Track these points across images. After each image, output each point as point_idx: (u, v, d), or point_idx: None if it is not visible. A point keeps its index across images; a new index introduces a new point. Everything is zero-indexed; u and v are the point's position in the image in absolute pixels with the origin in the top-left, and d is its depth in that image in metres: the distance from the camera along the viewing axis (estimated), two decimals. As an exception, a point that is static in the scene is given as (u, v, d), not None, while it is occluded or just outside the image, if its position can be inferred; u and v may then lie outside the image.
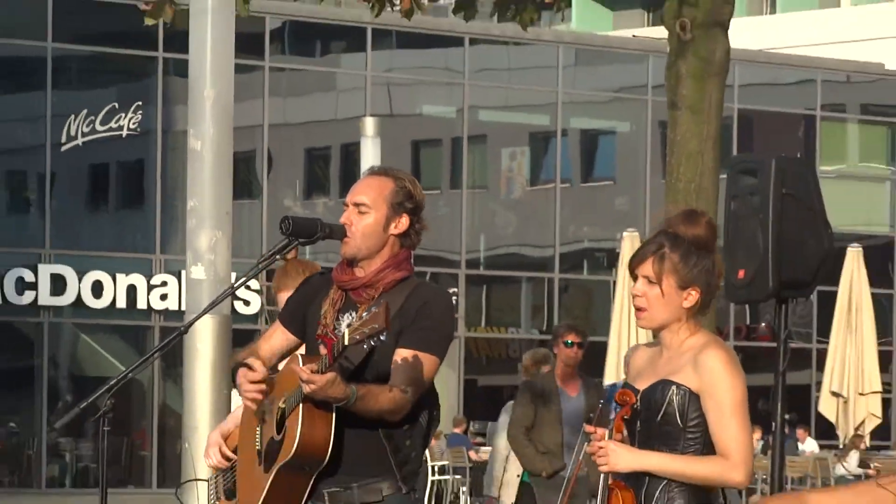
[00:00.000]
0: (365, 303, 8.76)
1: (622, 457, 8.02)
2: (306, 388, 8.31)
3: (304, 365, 8.38)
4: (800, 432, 39.47)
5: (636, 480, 8.10)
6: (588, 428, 8.23)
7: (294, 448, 8.52)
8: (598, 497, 8.15)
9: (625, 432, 8.31)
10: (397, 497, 8.78)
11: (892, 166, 53.13)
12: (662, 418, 8.12)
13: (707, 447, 8.13)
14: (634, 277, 8.26)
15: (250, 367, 8.65)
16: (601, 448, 7.99)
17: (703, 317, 8.41)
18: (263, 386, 8.63)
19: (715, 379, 8.08)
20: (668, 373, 8.19)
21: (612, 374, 29.73)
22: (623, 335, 29.94)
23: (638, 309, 8.22)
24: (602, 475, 8.08)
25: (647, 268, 8.17)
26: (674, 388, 8.11)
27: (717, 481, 8.17)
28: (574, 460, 8.39)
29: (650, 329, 8.42)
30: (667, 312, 8.18)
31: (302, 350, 8.86)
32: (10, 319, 41.90)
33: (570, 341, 19.09)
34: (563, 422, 18.38)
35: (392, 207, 8.76)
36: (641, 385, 8.25)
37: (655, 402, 8.16)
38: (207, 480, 10.63)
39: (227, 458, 9.87)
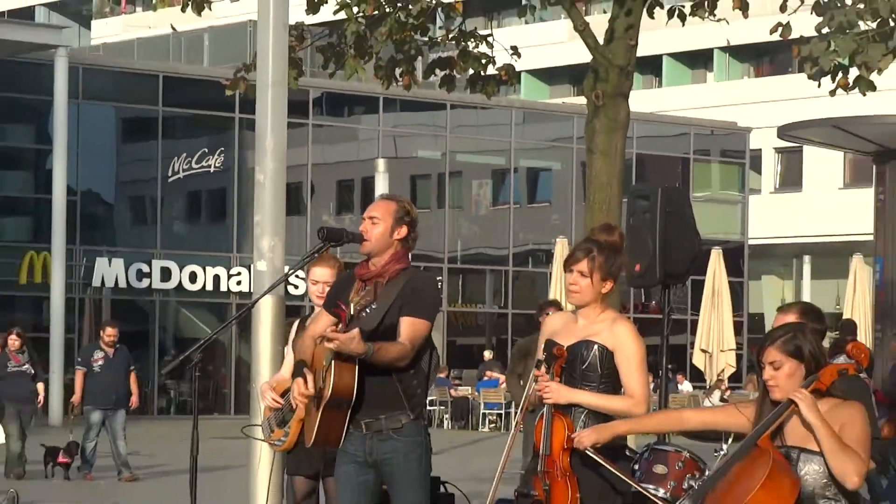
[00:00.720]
0: (373, 287, 8.83)
1: (561, 393, 8.16)
2: (331, 345, 8.38)
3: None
4: (679, 377, 38.71)
5: (567, 409, 8.20)
6: (536, 372, 8.30)
7: (329, 392, 8.58)
8: (544, 421, 8.21)
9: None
10: (412, 424, 8.73)
11: (741, 193, 52.90)
12: (587, 367, 8.30)
13: (615, 389, 8.34)
14: (570, 271, 8.43)
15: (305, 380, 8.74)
16: (546, 386, 8.15)
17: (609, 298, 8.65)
18: (311, 393, 8.69)
19: (625, 342, 8.31)
20: (587, 335, 8.33)
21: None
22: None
23: (571, 293, 8.42)
24: (546, 406, 8.19)
25: (582, 265, 8.32)
26: (595, 346, 8.27)
27: (626, 412, 8.23)
28: (528, 390, 8.48)
29: (578, 305, 8.49)
30: (591, 296, 8.33)
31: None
32: (132, 298, 41.02)
33: (549, 312, 18.64)
34: None
35: (395, 220, 8.75)
36: (562, 341, 8.35)
37: (581, 355, 8.30)
38: (261, 424, 10.53)
39: (276, 401, 10.05)
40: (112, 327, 22.82)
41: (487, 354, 44.00)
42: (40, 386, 22.42)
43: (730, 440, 9.24)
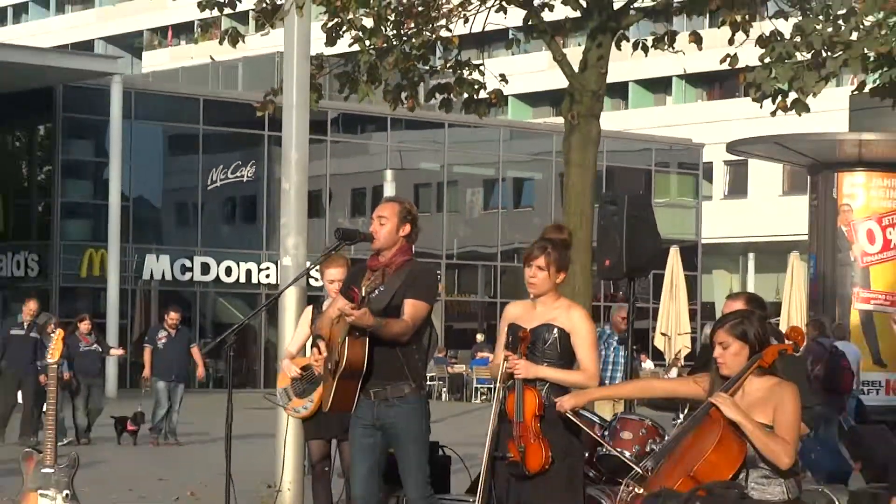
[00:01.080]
0: (381, 275, 8.87)
1: (529, 369, 8.21)
2: (348, 318, 8.43)
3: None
4: (642, 356, 38.75)
5: (532, 383, 8.26)
6: (506, 353, 8.30)
7: (344, 364, 8.65)
8: (516, 393, 8.24)
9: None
10: (413, 393, 8.80)
11: (695, 200, 52.85)
12: (547, 346, 8.37)
13: (570, 365, 8.42)
14: (529, 266, 8.42)
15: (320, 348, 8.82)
16: (516, 364, 8.20)
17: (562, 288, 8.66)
18: (325, 356, 8.73)
19: (580, 325, 8.40)
20: (546, 320, 8.40)
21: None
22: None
23: (531, 285, 8.42)
24: (517, 380, 8.22)
25: (540, 261, 8.37)
26: (555, 329, 8.35)
27: (582, 384, 8.27)
28: (503, 366, 8.48)
29: (536, 295, 8.52)
30: (548, 286, 8.40)
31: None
32: (176, 289, 41.04)
33: None
34: None
35: (400, 219, 8.85)
36: (524, 326, 8.39)
37: (543, 336, 8.36)
38: (278, 391, 10.56)
39: (297, 371, 10.26)
40: (175, 311, 23.18)
41: (479, 337, 44.21)
42: (114, 350, 23.01)
43: (685, 410, 9.20)
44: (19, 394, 21.51)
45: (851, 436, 16.86)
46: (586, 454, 9.53)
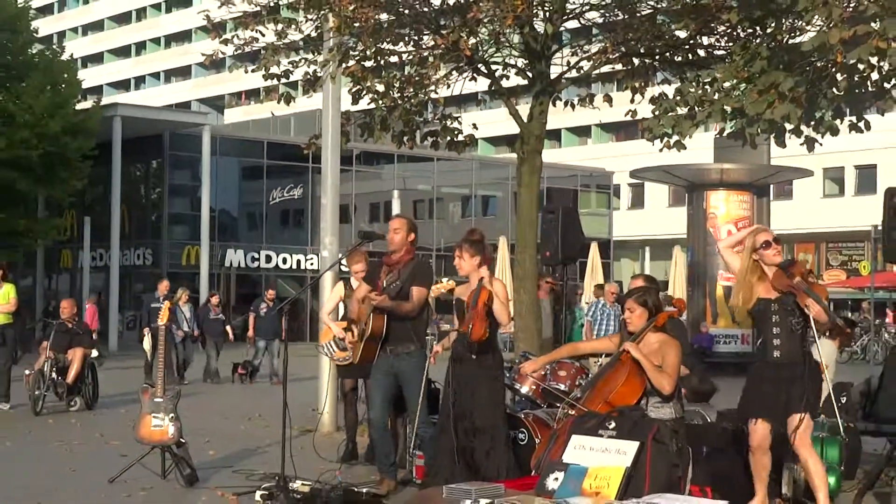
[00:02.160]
0: (395, 270, 8.94)
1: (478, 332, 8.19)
2: (373, 302, 8.62)
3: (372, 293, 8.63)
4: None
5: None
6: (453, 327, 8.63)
7: (369, 331, 8.82)
8: (475, 293, 8.34)
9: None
10: (417, 350, 8.85)
11: (608, 210, 52.88)
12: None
13: (492, 319, 8.28)
14: (456, 256, 8.56)
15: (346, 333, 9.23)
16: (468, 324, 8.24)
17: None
18: (355, 340, 9.06)
19: (498, 289, 8.36)
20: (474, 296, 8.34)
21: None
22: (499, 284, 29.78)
23: (460, 268, 8.53)
24: (483, 284, 8.37)
25: (459, 252, 8.55)
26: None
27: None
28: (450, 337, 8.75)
29: (464, 276, 8.55)
30: (469, 268, 8.52)
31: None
32: (248, 273, 41.11)
33: (548, 281, 17.33)
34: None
35: (408, 230, 9.00)
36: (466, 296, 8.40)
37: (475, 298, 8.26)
38: (324, 344, 10.39)
39: (341, 330, 9.90)
40: (272, 290, 23.62)
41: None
42: (229, 328, 22.81)
43: (602, 357, 9.19)
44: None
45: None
46: (535, 387, 9.59)
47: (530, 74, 14.52)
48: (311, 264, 41.99)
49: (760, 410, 7.50)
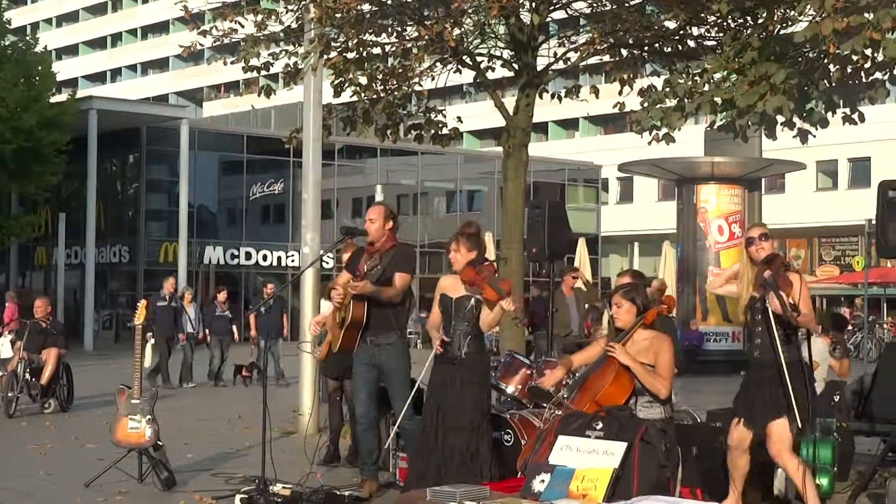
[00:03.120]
0: (376, 256, 8.88)
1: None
2: (354, 290, 8.57)
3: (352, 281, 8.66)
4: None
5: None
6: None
7: (349, 319, 8.69)
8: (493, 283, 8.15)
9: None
10: (398, 340, 8.84)
11: (596, 204, 52.96)
12: (467, 311, 8.13)
13: (478, 326, 8.17)
14: (450, 251, 8.31)
15: (336, 289, 8.76)
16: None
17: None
18: (342, 296, 8.68)
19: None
20: (469, 292, 8.20)
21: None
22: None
23: (453, 262, 8.28)
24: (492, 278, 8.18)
25: (454, 245, 8.29)
26: (473, 298, 8.13)
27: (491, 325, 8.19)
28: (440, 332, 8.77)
29: (455, 270, 8.30)
30: (463, 262, 8.26)
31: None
32: (228, 271, 40.73)
33: (573, 276, 17.58)
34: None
35: (384, 218, 8.90)
36: (452, 294, 8.26)
37: (464, 303, 8.18)
38: (309, 341, 10.57)
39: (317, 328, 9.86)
40: (272, 284, 23.18)
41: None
42: (234, 327, 21.87)
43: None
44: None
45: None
46: (521, 387, 9.60)
47: (516, 66, 14.54)
48: (292, 261, 41.95)
49: (740, 410, 7.61)
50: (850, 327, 30.52)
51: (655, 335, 7.60)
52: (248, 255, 42.44)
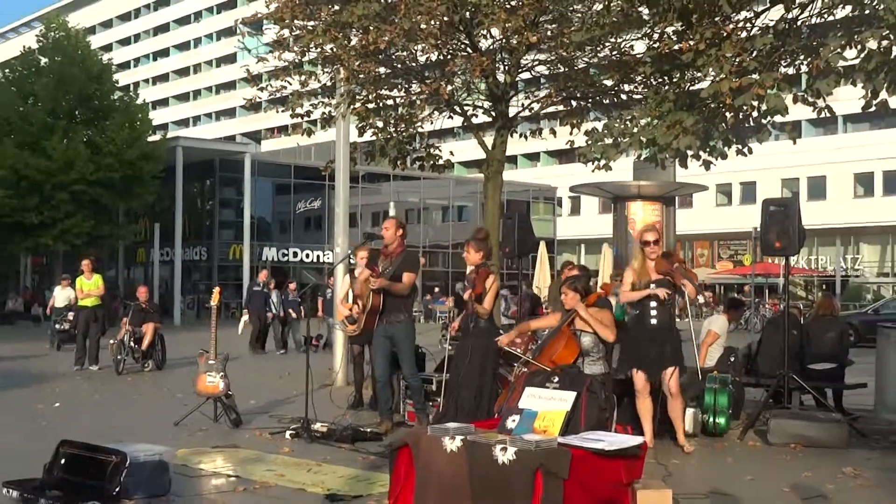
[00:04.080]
0: (389, 258, 8.70)
1: (478, 311, 8.00)
2: (373, 285, 8.48)
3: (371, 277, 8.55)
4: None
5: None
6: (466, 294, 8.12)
7: (370, 305, 8.65)
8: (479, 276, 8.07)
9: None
10: (406, 319, 8.67)
11: (553, 216, 52.86)
12: (478, 297, 7.99)
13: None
14: (468, 251, 8.13)
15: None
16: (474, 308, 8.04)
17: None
18: (360, 313, 8.82)
19: (489, 282, 8.05)
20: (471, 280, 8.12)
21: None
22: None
23: (467, 259, 8.14)
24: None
25: (470, 248, 8.17)
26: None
27: (486, 314, 8.06)
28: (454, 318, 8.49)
29: (470, 265, 8.15)
30: (476, 260, 8.10)
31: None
32: (280, 266, 40.89)
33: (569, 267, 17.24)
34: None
35: (396, 227, 8.74)
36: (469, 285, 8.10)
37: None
38: (339, 321, 10.40)
39: (350, 311, 9.89)
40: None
41: (437, 290, 43.24)
42: (300, 309, 20.60)
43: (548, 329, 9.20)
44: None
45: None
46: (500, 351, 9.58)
47: (493, 113, 14.53)
48: (327, 258, 41.70)
49: (640, 363, 7.68)
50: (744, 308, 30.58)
51: (596, 309, 7.67)
52: (295, 254, 42.55)
